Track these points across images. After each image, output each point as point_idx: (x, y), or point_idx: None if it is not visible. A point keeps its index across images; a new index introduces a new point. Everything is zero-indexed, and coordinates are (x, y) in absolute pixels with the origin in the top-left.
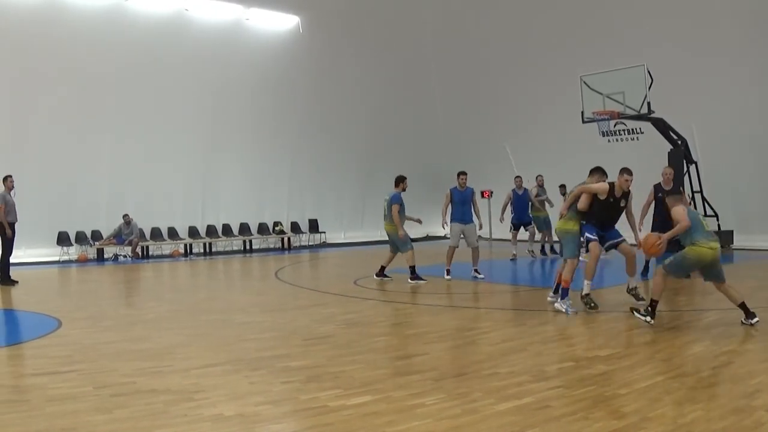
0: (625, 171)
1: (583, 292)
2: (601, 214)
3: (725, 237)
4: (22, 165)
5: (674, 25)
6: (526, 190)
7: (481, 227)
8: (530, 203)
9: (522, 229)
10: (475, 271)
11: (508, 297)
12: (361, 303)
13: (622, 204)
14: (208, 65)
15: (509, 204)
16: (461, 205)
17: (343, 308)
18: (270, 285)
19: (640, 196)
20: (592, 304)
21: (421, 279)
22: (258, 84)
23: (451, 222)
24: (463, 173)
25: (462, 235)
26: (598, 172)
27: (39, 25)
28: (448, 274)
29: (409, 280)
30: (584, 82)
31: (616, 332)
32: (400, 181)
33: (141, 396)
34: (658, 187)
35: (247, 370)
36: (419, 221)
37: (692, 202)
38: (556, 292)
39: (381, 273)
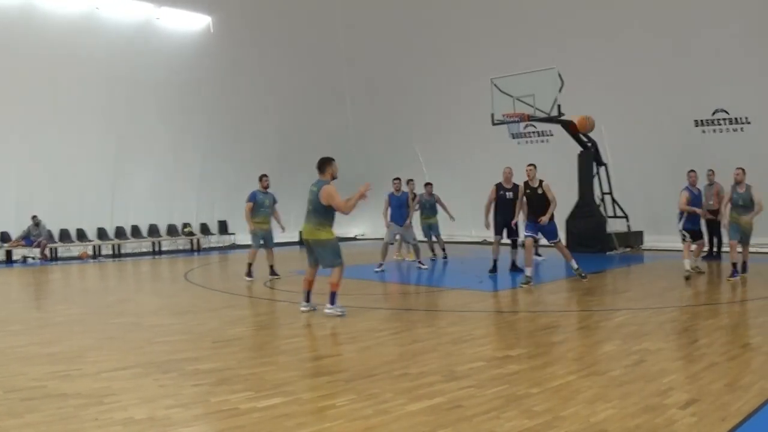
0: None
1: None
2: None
3: (635, 237)
4: None
5: (585, 28)
6: (700, 189)
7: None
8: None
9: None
10: (419, 262)
11: (418, 298)
12: (271, 305)
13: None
14: (118, 64)
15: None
16: (398, 209)
17: (253, 310)
18: (180, 287)
19: (557, 197)
20: None
21: (250, 276)
22: (168, 84)
23: (390, 222)
24: (397, 179)
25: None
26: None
27: None
28: (380, 267)
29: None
30: (495, 85)
31: (526, 332)
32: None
33: (51, 400)
34: (499, 186)
35: (158, 373)
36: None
37: (602, 203)
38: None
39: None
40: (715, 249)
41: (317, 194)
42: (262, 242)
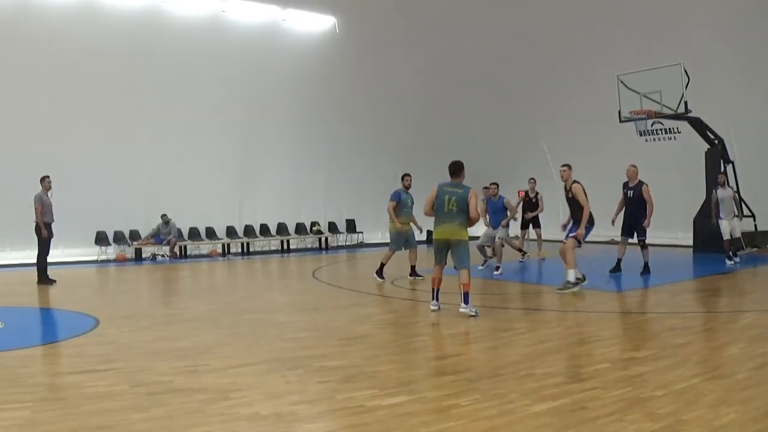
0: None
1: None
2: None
3: (762, 237)
4: (60, 165)
5: (711, 23)
6: None
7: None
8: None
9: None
10: (485, 262)
11: (543, 298)
12: (398, 303)
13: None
14: (245, 66)
15: None
16: (494, 214)
17: (380, 308)
18: (307, 285)
19: (685, 195)
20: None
21: (381, 278)
22: (295, 85)
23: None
24: (494, 183)
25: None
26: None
27: (76, 27)
28: (497, 270)
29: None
30: (621, 81)
31: (652, 333)
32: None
33: (177, 395)
34: (624, 185)
35: (284, 370)
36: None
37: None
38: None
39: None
40: None
41: (464, 196)
42: (404, 243)
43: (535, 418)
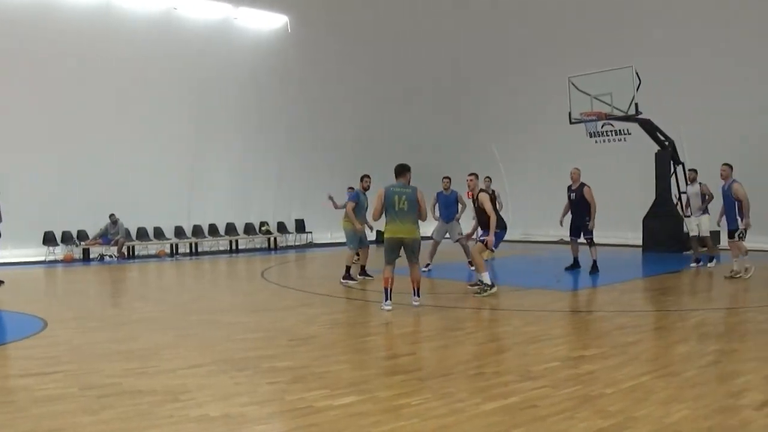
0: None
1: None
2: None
3: (712, 237)
4: (7, 165)
5: (663, 26)
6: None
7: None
8: None
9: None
10: (469, 263)
11: (495, 298)
12: (347, 303)
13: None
14: (195, 64)
15: None
16: (446, 208)
17: (329, 308)
18: (256, 285)
19: (634, 196)
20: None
21: (352, 280)
22: (246, 84)
23: (438, 217)
24: (446, 177)
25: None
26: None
27: (24, 23)
28: (426, 267)
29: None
30: (572, 83)
31: (602, 332)
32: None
33: (127, 397)
34: (568, 187)
35: (233, 371)
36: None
37: (679, 203)
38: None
39: (363, 272)
40: None
41: (413, 195)
42: (358, 242)
43: (486, 416)
